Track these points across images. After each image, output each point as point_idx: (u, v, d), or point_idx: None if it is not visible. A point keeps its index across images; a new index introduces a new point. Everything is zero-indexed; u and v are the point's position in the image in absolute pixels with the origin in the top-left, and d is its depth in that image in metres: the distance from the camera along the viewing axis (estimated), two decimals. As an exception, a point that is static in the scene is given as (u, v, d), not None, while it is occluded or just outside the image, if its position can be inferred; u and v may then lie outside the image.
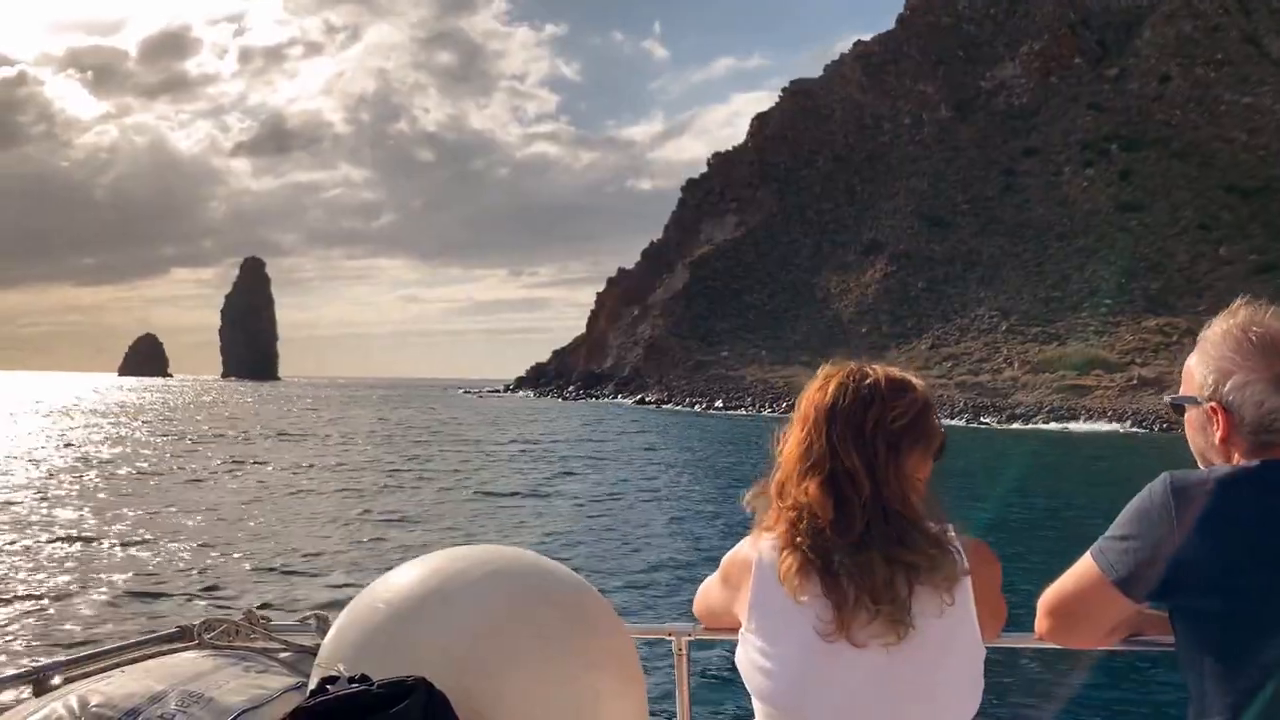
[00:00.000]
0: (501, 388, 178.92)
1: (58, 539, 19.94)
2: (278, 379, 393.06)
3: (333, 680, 1.62)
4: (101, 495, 27.00)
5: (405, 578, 2.02)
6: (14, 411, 79.77)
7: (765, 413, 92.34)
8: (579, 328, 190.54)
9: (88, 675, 2.09)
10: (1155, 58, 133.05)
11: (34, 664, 2.15)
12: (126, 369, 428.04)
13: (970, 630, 1.77)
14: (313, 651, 2.23)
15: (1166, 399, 2.04)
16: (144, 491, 28.20)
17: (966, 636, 1.77)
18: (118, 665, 2.15)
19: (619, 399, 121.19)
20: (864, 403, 1.81)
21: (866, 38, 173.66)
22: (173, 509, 24.24)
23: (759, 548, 1.84)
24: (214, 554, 18.55)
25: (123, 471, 33.45)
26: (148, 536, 20.34)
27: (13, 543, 19.49)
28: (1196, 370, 1.90)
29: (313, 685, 1.82)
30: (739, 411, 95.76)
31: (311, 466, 35.66)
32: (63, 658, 2.20)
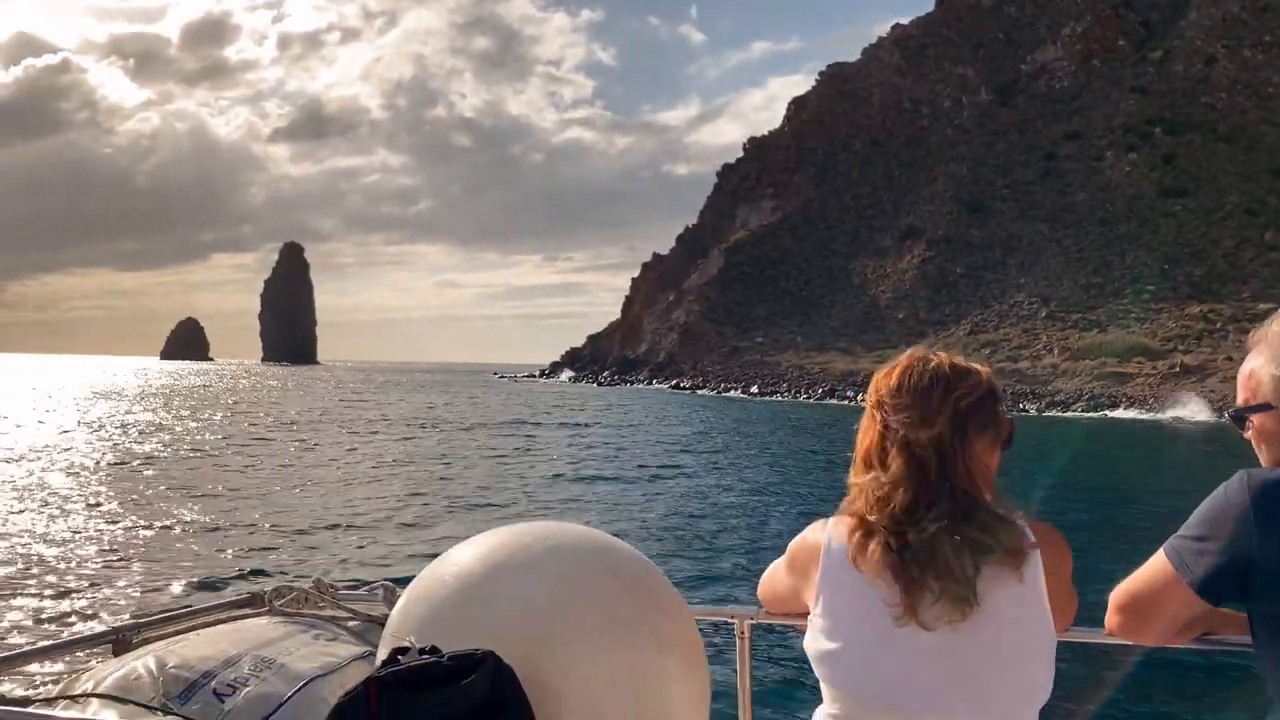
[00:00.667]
0: (537, 372, 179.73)
1: (132, 509, 20.96)
2: (316, 363, 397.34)
3: (404, 651, 1.64)
4: (170, 474, 27.97)
5: (472, 551, 2.05)
6: (76, 396, 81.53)
7: (802, 398, 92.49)
8: (614, 313, 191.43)
9: (164, 637, 2.16)
10: (1201, 39, 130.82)
11: (113, 625, 2.22)
12: (168, 353, 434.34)
13: (1041, 613, 1.75)
14: (379, 621, 2.29)
15: (1230, 413, 1.96)
16: (209, 470, 29.18)
17: (1037, 619, 1.75)
18: (192, 629, 2.22)
19: (654, 384, 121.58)
20: (930, 384, 1.83)
21: (905, 21, 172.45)
22: (237, 487, 25.04)
23: (828, 533, 1.83)
24: (282, 528, 19.40)
25: (186, 450, 34.44)
26: (219, 509, 21.36)
27: (92, 508, 20.87)
28: (1264, 372, 1.84)
29: (383, 655, 1.86)
30: (775, 397, 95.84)
31: (356, 449, 36.25)
32: (140, 619, 2.29)
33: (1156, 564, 1.86)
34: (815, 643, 1.79)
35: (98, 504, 21.69)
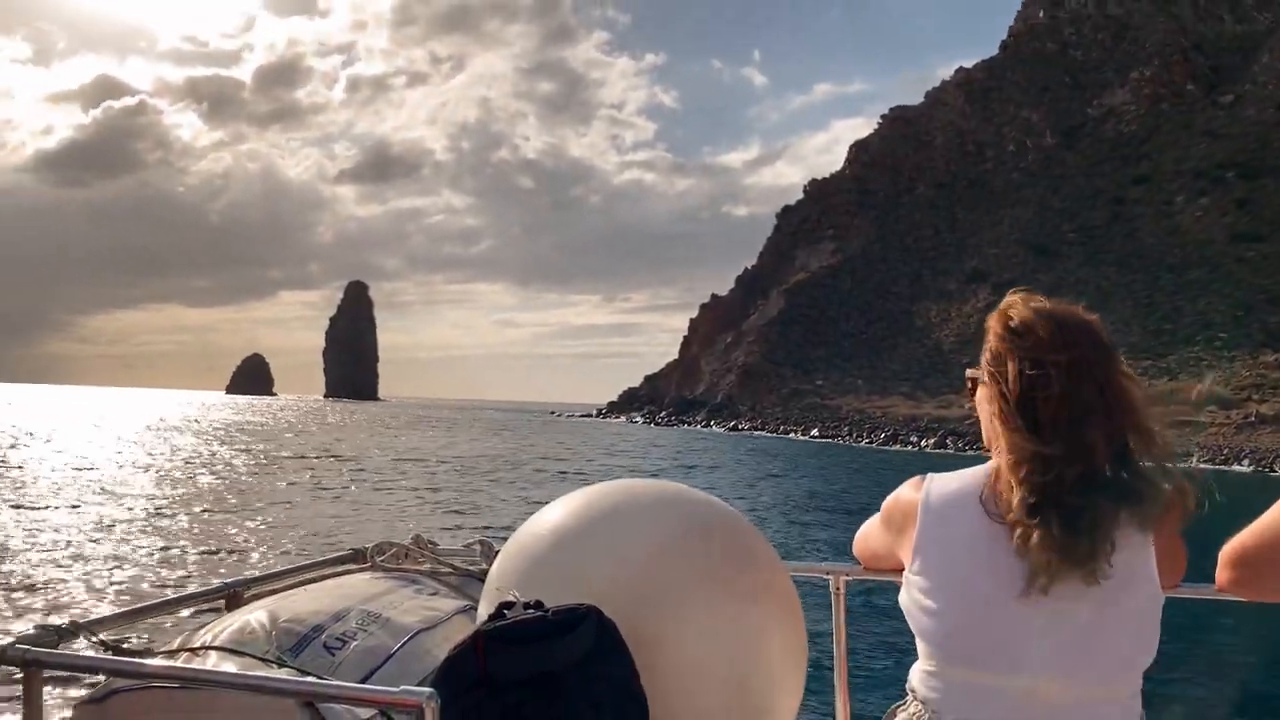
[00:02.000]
0: (593, 412, 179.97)
1: (233, 481, 24.68)
2: (378, 399, 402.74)
3: (509, 605, 1.67)
4: (270, 476, 30.20)
5: (569, 508, 2.06)
6: (177, 426, 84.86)
7: (863, 443, 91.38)
8: (670, 353, 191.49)
9: (274, 592, 2.23)
10: (1274, 84, 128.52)
11: (226, 581, 2.28)
12: (234, 387, 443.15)
13: (1153, 572, 1.68)
14: (478, 576, 2.36)
15: None
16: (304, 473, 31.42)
17: (1150, 578, 1.67)
18: (300, 584, 2.29)
19: (711, 426, 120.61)
20: (1087, 331, 1.73)
21: (969, 64, 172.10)
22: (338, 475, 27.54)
23: (927, 489, 1.78)
24: (379, 490, 21.42)
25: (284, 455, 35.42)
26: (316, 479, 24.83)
27: (209, 475, 24.24)
28: None
29: (486, 609, 1.92)
30: (836, 441, 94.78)
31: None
32: (250, 576, 2.33)
33: (1276, 515, 1.69)
34: (913, 600, 1.75)
35: (204, 477, 25.33)
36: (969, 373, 1.89)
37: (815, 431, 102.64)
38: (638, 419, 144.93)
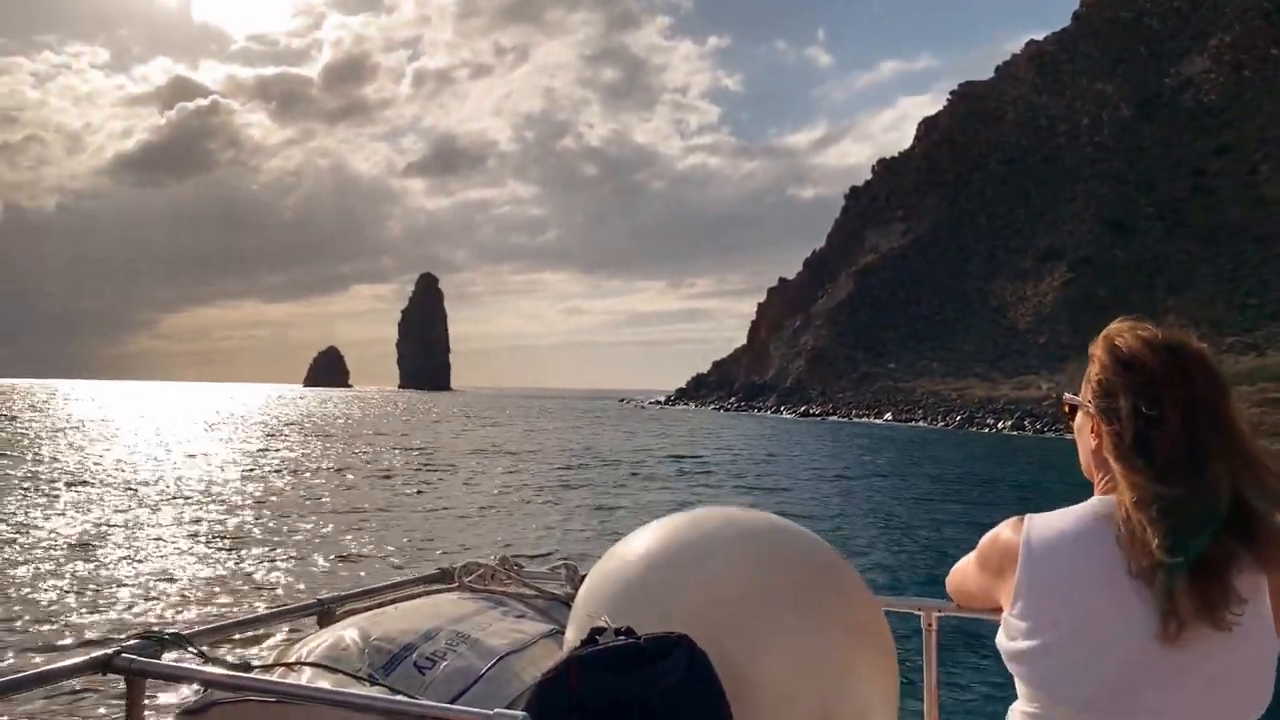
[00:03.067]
0: (662, 398, 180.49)
1: (324, 497, 25.05)
2: (450, 389, 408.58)
3: (600, 631, 1.67)
4: (362, 475, 32.18)
5: (657, 535, 2.08)
6: (266, 420, 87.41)
7: (939, 425, 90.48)
8: (738, 338, 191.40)
9: (365, 610, 2.28)
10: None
11: (319, 597, 2.36)
12: (310, 380, 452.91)
13: (1268, 617, 1.58)
14: (564, 600, 2.40)
15: None
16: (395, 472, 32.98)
17: (1267, 624, 1.58)
18: (390, 602, 2.35)
19: (781, 411, 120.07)
20: (1203, 365, 1.63)
21: (1040, 36, 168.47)
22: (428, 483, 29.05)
23: (1028, 531, 1.69)
24: (462, 513, 22.56)
25: (363, 458, 36.43)
26: (406, 497, 25.41)
27: (291, 496, 24.83)
28: None
29: (574, 634, 1.94)
30: (919, 424, 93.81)
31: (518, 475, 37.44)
32: (343, 592, 2.43)
33: None
34: (1015, 642, 1.66)
35: (295, 496, 25.61)
36: (1067, 398, 1.82)
37: (889, 415, 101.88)
38: (717, 403, 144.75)
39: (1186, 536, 1.52)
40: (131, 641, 1.85)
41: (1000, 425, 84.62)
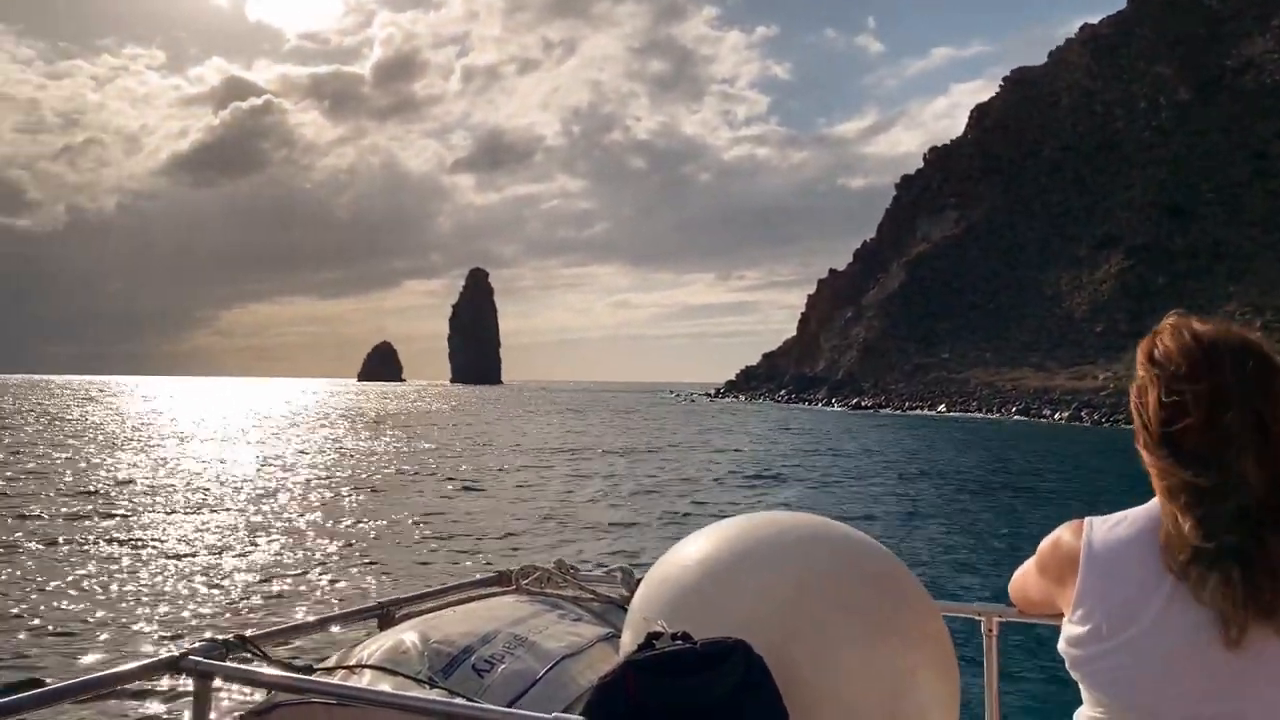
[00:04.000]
0: (712, 391, 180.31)
1: (379, 499, 25.41)
2: (500, 383, 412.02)
3: (657, 636, 1.67)
4: (421, 472, 32.74)
5: (713, 539, 2.08)
6: (327, 416, 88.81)
7: (994, 415, 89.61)
8: (787, 330, 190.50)
9: (423, 613, 2.32)
10: None
11: (379, 600, 2.40)
12: (364, 375, 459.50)
13: None
14: (619, 604, 2.42)
15: None
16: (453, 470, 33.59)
17: None
18: (448, 605, 2.39)
19: (833, 404, 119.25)
20: (1236, 356, 1.61)
21: (1095, 20, 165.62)
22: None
23: (1089, 536, 1.69)
24: (517, 515, 22.81)
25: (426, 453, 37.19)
26: (462, 495, 25.99)
27: (348, 499, 25.09)
28: None
29: (630, 638, 1.97)
30: (974, 415, 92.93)
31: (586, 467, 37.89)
32: (401, 595, 2.46)
33: None
34: (1077, 649, 1.64)
35: (354, 496, 26.24)
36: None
37: (942, 407, 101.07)
38: (767, 395, 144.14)
39: (1217, 527, 1.52)
40: (199, 644, 1.90)
41: (1057, 416, 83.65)
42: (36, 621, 11.69)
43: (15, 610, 12.23)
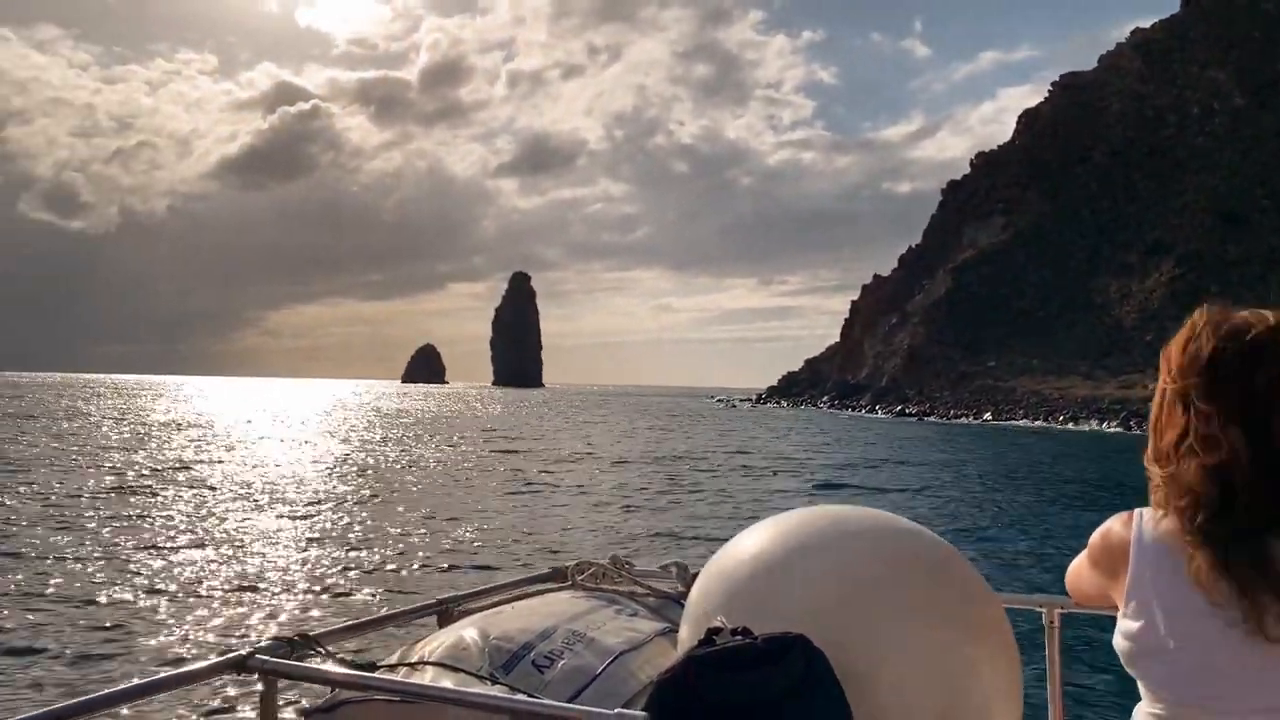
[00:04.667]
0: (753, 397, 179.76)
1: (441, 500, 26.11)
2: (542, 386, 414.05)
3: (717, 631, 1.67)
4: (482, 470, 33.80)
5: (769, 533, 2.08)
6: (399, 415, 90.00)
7: (1040, 423, 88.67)
8: (829, 336, 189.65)
9: (482, 609, 2.33)
10: None
11: (439, 597, 2.43)
12: (408, 376, 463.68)
13: None
14: (675, 599, 2.43)
15: None
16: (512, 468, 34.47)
17: None
18: (506, 601, 2.39)
19: (876, 411, 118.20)
20: (1252, 356, 1.57)
21: (1146, 24, 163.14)
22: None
23: (1139, 527, 1.66)
24: (570, 511, 23.44)
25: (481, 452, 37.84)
26: (513, 495, 26.72)
27: (408, 500, 25.45)
28: None
29: (688, 633, 1.98)
30: (1020, 423, 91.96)
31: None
32: (460, 592, 2.49)
33: None
34: (1131, 642, 1.62)
35: (408, 491, 27.04)
36: None
37: (988, 415, 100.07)
38: (810, 402, 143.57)
39: (1197, 517, 1.54)
40: (264, 643, 1.94)
41: (1105, 426, 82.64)
42: (107, 621, 11.93)
43: (85, 609, 12.48)
